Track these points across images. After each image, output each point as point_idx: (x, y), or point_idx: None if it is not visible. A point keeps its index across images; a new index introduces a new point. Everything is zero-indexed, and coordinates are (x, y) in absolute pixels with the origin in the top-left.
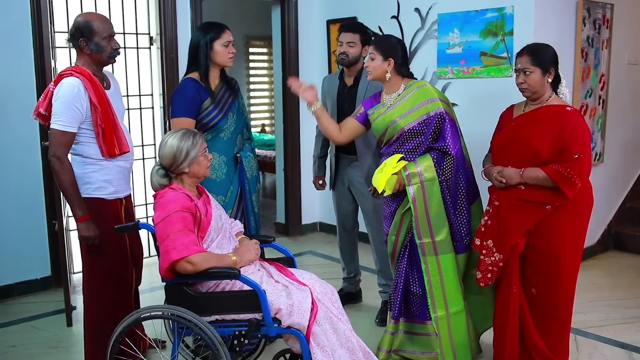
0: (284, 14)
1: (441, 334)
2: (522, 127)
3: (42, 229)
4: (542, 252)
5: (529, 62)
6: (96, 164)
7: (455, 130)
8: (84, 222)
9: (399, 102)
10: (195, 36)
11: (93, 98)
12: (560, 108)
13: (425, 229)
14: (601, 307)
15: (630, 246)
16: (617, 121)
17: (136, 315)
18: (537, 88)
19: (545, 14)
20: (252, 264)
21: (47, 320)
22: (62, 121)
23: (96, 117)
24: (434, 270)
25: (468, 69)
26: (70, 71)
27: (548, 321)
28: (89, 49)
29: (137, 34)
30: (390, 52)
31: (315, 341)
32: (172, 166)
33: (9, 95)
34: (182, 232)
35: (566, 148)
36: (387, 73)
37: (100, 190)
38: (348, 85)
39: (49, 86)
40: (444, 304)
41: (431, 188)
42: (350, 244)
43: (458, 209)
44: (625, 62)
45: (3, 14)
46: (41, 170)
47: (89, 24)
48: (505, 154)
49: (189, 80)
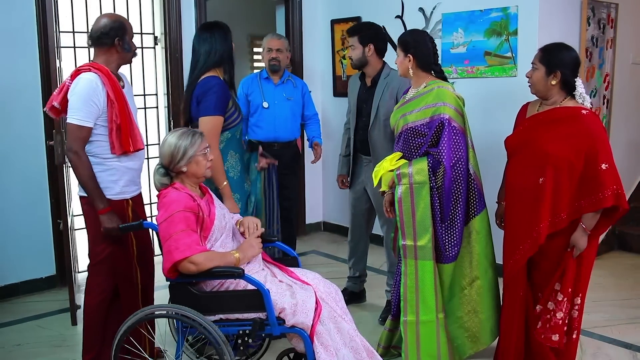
0: (288, 13)
1: (408, 338)
2: (535, 129)
3: (47, 228)
4: (551, 257)
5: (537, 58)
6: (103, 164)
7: (456, 140)
8: (106, 213)
9: (414, 98)
10: (211, 35)
11: (111, 94)
12: (575, 110)
13: (409, 231)
14: (605, 307)
15: (635, 246)
16: (622, 121)
17: (141, 314)
18: (538, 86)
19: (549, 13)
20: (257, 263)
21: (52, 319)
22: (80, 116)
23: (112, 113)
24: (412, 274)
25: (472, 69)
26: (88, 67)
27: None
28: (122, 48)
29: (142, 34)
30: (410, 48)
31: (319, 340)
32: (171, 165)
33: (14, 95)
34: (184, 232)
35: (592, 160)
36: (410, 69)
37: (107, 191)
38: (367, 86)
39: (66, 81)
40: (415, 310)
41: (420, 191)
42: (362, 244)
43: (449, 220)
44: (630, 61)
45: (8, 13)
46: (46, 169)
47: (124, 24)
48: (516, 157)
49: (217, 78)
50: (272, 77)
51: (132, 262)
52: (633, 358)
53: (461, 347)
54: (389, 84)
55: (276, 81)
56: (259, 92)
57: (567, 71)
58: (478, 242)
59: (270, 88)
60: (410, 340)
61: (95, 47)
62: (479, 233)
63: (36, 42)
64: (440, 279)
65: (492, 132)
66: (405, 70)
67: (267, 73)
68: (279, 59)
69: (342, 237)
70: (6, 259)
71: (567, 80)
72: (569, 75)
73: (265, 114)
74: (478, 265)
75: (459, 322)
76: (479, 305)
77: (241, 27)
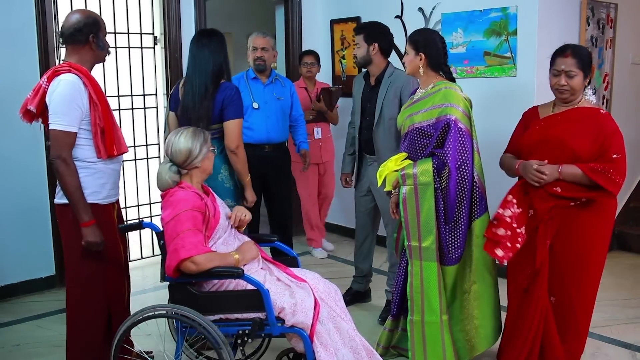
0: (287, 13)
1: (415, 337)
2: (555, 128)
3: (46, 228)
4: (568, 257)
5: (574, 65)
6: (90, 168)
7: (462, 142)
8: (89, 227)
9: (422, 98)
10: (223, 47)
11: (93, 95)
12: (595, 111)
13: (414, 232)
14: (605, 307)
15: (634, 246)
16: (621, 121)
17: (140, 315)
18: (578, 92)
19: (549, 13)
20: (256, 262)
21: (52, 319)
22: (65, 121)
23: (95, 116)
24: (417, 274)
25: (472, 69)
26: (67, 67)
27: (568, 328)
28: (97, 45)
29: (141, 34)
30: (422, 47)
31: (319, 340)
32: (186, 162)
33: (13, 95)
34: (191, 231)
35: (605, 150)
36: (420, 68)
37: (95, 195)
38: (371, 85)
39: (41, 82)
40: (420, 310)
41: (425, 192)
42: (367, 244)
43: (453, 222)
44: (629, 61)
45: (7, 14)
46: (45, 169)
47: (97, 20)
48: (535, 155)
49: (235, 85)
50: (260, 77)
51: (121, 271)
52: (632, 358)
53: (461, 351)
54: (393, 84)
55: (264, 81)
56: (248, 93)
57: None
58: (477, 247)
59: (259, 88)
60: (417, 340)
61: (68, 45)
62: (479, 237)
63: (36, 43)
64: (443, 281)
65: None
66: (415, 69)
67: (254, 73)
68: (264, 58)
69: (342, 237)
70: (6, 259)
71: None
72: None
73: (255, 115)
74: (476, 270)
75: (460, 325)
76: (475, 310)
77: (241, 27)
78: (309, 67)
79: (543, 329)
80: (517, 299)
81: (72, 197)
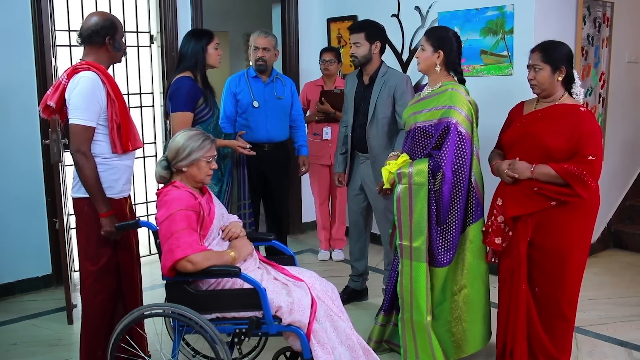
0: (284, 11)
1: (406, 334)
2: (534, 125)
3: (42, 227)
4: (548, 251)
5: (539, 59)
6: (105, 163)
7: (461, 147)
8: (108, 217)
9: (428, 97)
10: (189, 41)
11: (111, 92)
12: (574, 108)
13: (406, 232)
14: (601, 305)
15: (630, 244)
16: (617, 119)
17: (137, 313)
18: (545, 85)
19: (545, 12)
20: (253, 261)
21: (48, 318)
22: (85, 116)
23: (112, 112)
24: (407, 274)
25: (468, 68)
26: (86, 65)
27: (553, 320)
28: (113, 47)
29: (138, 32)
30: (441, 44)
31: (316, 339)
32: (173, 161)
33: (9, 94)
34: (185, 231)
35: (580, 149)
36: (437, 66)
37: (109, 190)
38: (365, 84)
39: (61, 79)
40: (409, 309)
41: (418, 192)
42: (361, 242)
43: (445, 224)
44: (626, 60)
45: (4, 12)
46: (42, 168)
47: (115, 22)
48: (514, 150)
49: (187, 79)
50: (260, 76)
51: (134, 261)
52: (628, 356)
53: (448, 351)
54: (387, 83)
55: (265, 80)
56: (248, 91)
57: (569, 65)
58: (470, 252)
59: (260, 87)
60: (408, 337)
61: (86, 46)
62: (472, 242)
63: (32, 41)
64: (431, 282)
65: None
66: (431, 66)
67: (255, 71)
68: (265, 58)
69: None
70: (2, 258)
71: (569, 73)
72: (570, 68)
73: (255, 114)
74: (467, 275)
75: (447, 326)
76: (464, 313)
77: (237, 26)
78: (326, 64)
79: (527, 320)
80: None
81: (92, 189)
